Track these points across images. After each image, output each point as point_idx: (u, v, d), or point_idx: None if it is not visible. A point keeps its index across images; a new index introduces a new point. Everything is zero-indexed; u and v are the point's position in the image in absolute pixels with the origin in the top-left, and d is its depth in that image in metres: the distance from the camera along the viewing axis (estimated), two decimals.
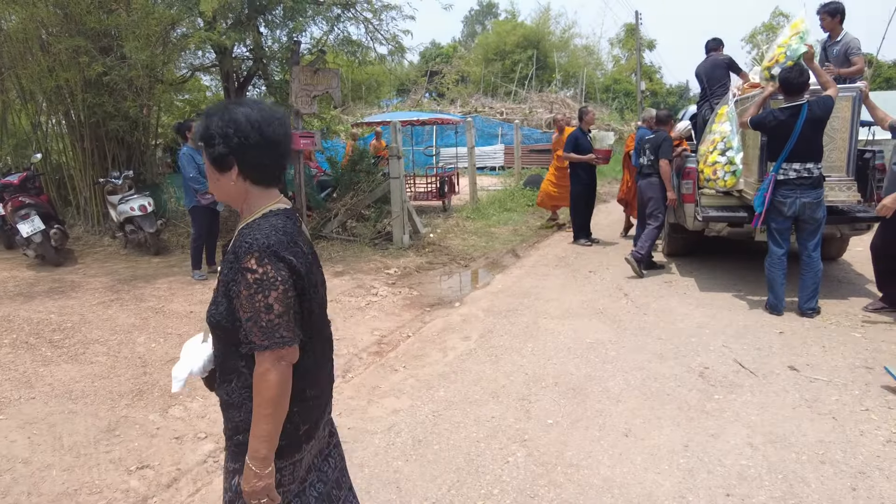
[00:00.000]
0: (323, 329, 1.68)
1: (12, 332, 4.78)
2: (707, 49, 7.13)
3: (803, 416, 3.27)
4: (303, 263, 1.53)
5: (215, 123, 1.53)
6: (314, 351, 1.62)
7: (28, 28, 7.68)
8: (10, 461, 2.98)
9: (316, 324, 1.62)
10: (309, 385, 1.60)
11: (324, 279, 1.69)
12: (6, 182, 7.67)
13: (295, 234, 1.56)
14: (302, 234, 1.63)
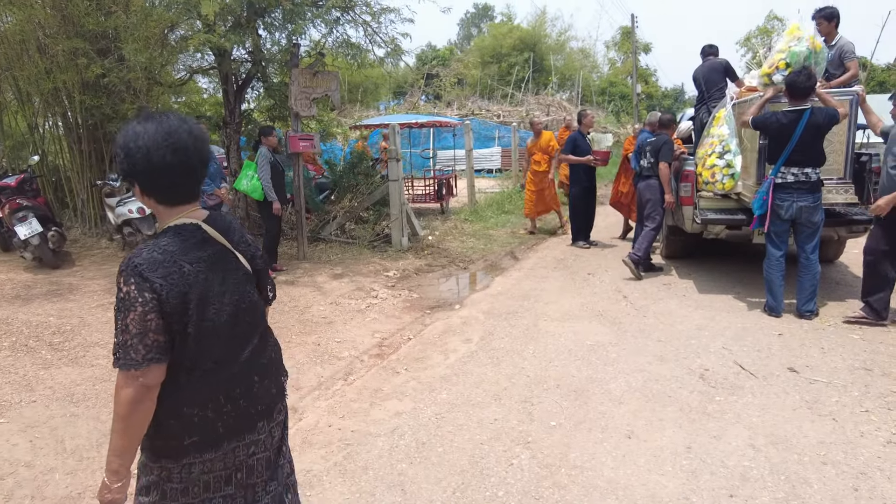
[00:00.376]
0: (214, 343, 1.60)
1: (11, 334, 4.76)
2: (703, 54, 7.18)
3: (804, 417, 3.29)
4: (175, 285, 1.51)
5: (118, 141, 1.54)
6: (200, 373, 1.59)
7: (25, 29, 7.65)
8: (12, 465, 2.97)
9: (204, 338, 1.57)
10: (189, 405, 1.58)
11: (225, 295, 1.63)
12: (3, 184, 7.63)
13: (178, 254, 1.55)
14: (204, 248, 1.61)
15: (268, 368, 1.79)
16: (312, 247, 8.03)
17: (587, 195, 8.21)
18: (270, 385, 1.79)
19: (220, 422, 1.64)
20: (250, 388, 1.71)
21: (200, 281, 1.57)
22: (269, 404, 1.77)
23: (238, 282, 1.69)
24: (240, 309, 1.67)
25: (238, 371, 1.68)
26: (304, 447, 3.15)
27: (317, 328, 5.03)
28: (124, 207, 7.45)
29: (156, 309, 1.49)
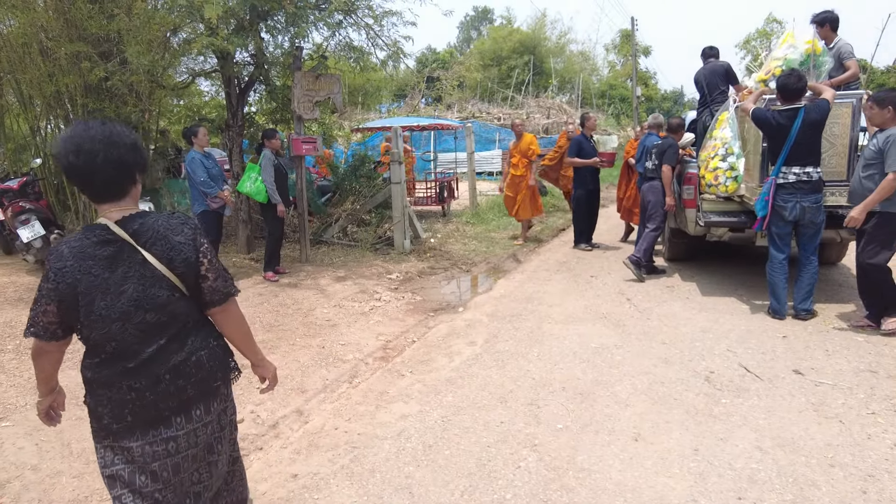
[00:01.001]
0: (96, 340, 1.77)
1: (15, 337, 4.76)
2: (704, 56, 7.19)
3: (810, 419, 3.29)
4: (66, 277, 1.72)
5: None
6: (103, 357, 1.79)
7: (28, 33, 7.65)
8: (18, 468, 2.97)
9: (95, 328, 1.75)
10: (98, 385, 1.81)
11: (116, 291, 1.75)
12: (6, 187, 7.64)
13: (76, 250, 1.75)
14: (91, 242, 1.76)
15: (180, 369, 1.85)
16: (315, 249, 8.03)
17: (590, 198, 8.21)
18: (186, 386, 1.86)
19: (126, 409, 1.79)
20: (156, 384, 1.81)
21: (91, 276, 1.73)
22: (183, 404, 1.86)
23: (141, 281, 1.78)
24: (139, 307, 1.77)
25: (140, 365, 1.80)
26: (310, 450, 3.15)
27: (321, 331, 5.02)
28: None
29: (50, 296, 1.74)
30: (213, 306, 1.93)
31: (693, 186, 6.07)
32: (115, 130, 1.79)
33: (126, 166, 1.79)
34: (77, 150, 1.71)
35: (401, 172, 8.04)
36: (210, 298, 1.91)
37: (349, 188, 8.95)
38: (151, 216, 1.86)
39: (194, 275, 1.87)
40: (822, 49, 5.48)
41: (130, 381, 1.78)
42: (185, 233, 1.86)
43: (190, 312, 1.90)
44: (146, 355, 1.80)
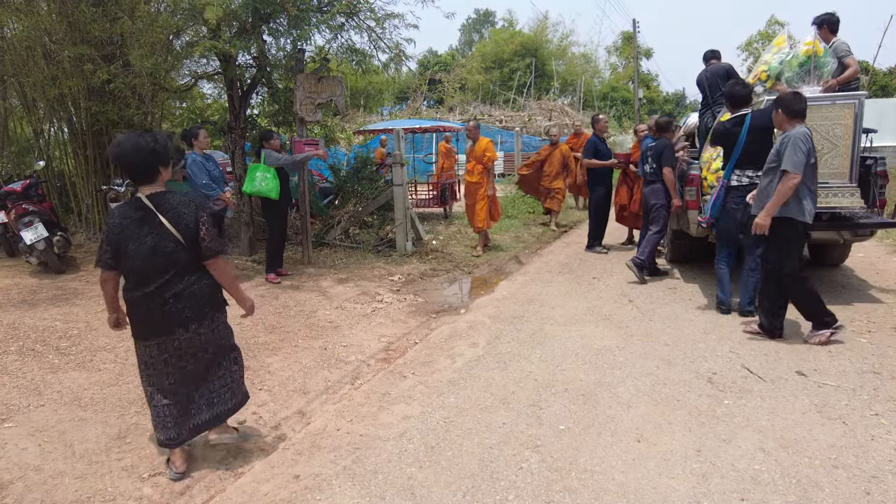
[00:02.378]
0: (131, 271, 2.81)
1: (18, 339, 4.77)
2: (705, 59, 7.20)
3: (814, 421, 3.28)
4: (114, 229, 2.77)
5: None
6: (129, 278, 2.84)
7: (32, 36, 7.69)
8: (21, 469, 2.97)
9: (128, 263, 2.78)
10: (130, 301, 2.85)
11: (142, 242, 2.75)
12: (9, 189, 7.66)
13: (122, 213, 2.80)
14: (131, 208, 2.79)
15: (181, 296, 2.83)
16: (317, 251, 8.04)
17: (608, 200, 8.21)
18: (184, 308, 2.84)
19: (147, 321, 2.84)
20: (164, 305, 2.80)
21: (128, 230, 2.76)
22: (182, 320, 2.85)
23: (157, 236, 2.76)
24: (154, 252, 2.76)
25: (153, 291, 2.78)
26: (312, 451, 3.15)
27: (323, 332, 5.03)
28: None
29: (107, 240, 2.79)
30: (206, 259, 2.90)
31: (695, 188, 6.07)
32: (141, 140, 2.77)
33: (149, 163, 2.78)
34: (118, 154, 2.78)
35: (403, 174, 8.05)
36: (205, 254, 2.88)
37: (351, 190, 8.96)
38: (170, 194, 2.83)
39: (193, 236, 2.81)
40: (824, 50, 5.50)
41: (148, 302, 2.79)
42: (190, 208, 2.83)
43: (189, 260, 2.84)
44: (157, 284, 2.78)
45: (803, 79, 5.39)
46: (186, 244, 2.80)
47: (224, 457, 3.13)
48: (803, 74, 5.41)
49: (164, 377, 2.91)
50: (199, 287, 2.88)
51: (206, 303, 2.91)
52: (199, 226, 2.81)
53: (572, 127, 11.15)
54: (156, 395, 2.93)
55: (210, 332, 2.95)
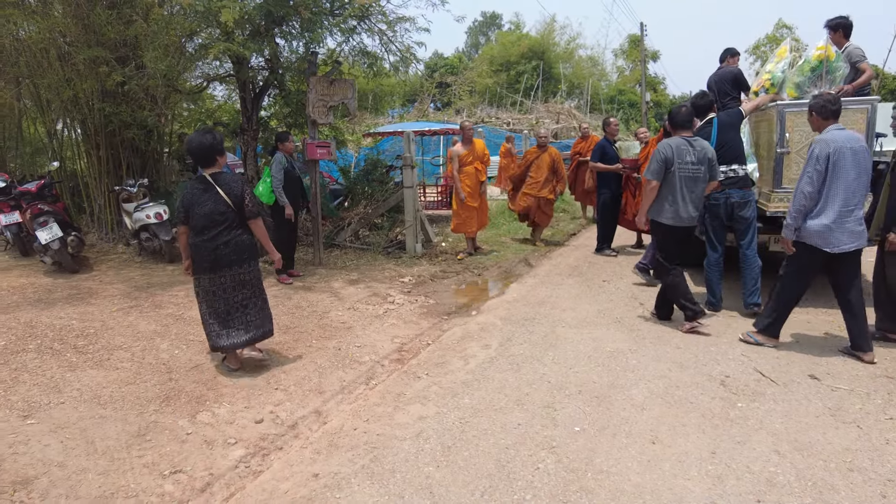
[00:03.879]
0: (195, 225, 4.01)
1: (36, 337, 4.83)
2: (721, 58, 7.16)
3: (828, 424, 3.30)
4: (187, 196, 4.03)
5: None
6: (193, 229, 4.03)
7: (47, 38, 7.78)
8: (45, 465, 3.02)
9: (193, 220, 4.00)
10: (194, 247, 4.03)
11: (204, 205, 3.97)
12: (24, 189, 7.75)
13: (192, 184, 4.09)
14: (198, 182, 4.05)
15: (228, 244, 4.01)
16: (327, 253, 8.09)
17: (616, 203, 8.21)
18: (230, 253, 4.02)
19: (204, 260, 4.00)
20: (216, 250, 3.98)
21: (194, 196, 3.99)
22: (228, 262, 4.03)
23: (214, 201, 3.98)
24: (213, 211, 3.97)
25: (209, 238, 3.97)
26: (330, 450, 3.18)
27: (336, 333, 5.07)
28: (142, 213, 7.54)
29: (181, 206, 4.04)
30: (248, 220, 4.13)
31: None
32: (204, 138, 4.06)
33: (210, 153, 4.05)
34: (190, 147, 4.11)
35: (413, 177, 8.09)
36: (247, 215, 4.10)
37: (361, 192, 9.01)
38: (224, 174, 4.09)
39: (240, 202, 4.05)
40: (836, 54, 5.51)
41: (206, 246, 3.98)
42: (238, 183, 4.09)
43: (235, 219, 4.05)
44: (212, 234, 3.99)
45: (815, 84, 5.40)
46: (234, 208, 4.02)
47: (242, 455, 3.17)
48: (815, 79, 5.42)
49: (215, 303, 4.07)
50: (242, 239, 4.07)
51: (245, 251, 4.10)
52: (244, 195, 4.07)
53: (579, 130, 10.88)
54: (209, 316, 4.12)
55: (247, 273, 4.13)
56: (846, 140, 4.08)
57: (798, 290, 4.40)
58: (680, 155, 4.82)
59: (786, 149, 5.31)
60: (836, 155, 4.04)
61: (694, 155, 4.83)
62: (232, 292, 4.09)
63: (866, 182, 4.15)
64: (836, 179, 4.06)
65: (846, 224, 4.06)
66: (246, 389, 3.95)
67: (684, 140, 4.89)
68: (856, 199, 4.08)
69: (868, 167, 4.15)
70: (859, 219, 4.11)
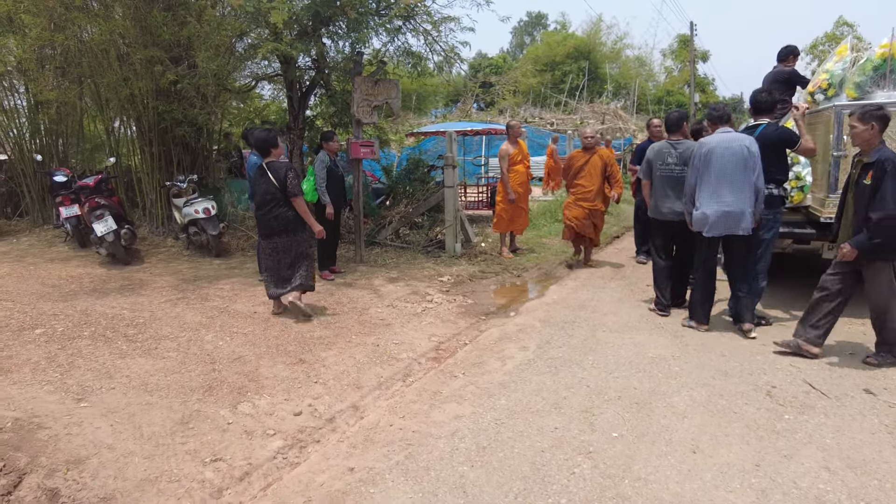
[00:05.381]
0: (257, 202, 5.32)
1: (90, 325, 5.05)
2: (778, 58, 6.92)
3: (884, 442, 3.14)
4: (251, 180, 5.56)
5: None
6: (256, 207, 5.37)
7: (107, 40, 8.12)
8: (96, 446, 3.15)
9: (255, 197, 5.38)
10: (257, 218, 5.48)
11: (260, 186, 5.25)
12: (83, 184, 8.11)
13: (254, 169, 5.50)
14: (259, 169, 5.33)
15: (277, 217, 5.21)
16: (368, 251, 8.18)
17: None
18: (279, 225, 5.22)
19: (264, 227, 5.33)
20: (269, 222, 5.24)
21: (256, 180, 5.35)
22: (278, 231, 5.24)
23: (266, 183, 5.18)
24: (266, 192, 5.20)
25: (264, 213, 5.25)
26: (366, 445, 3.22)
27: (375, 329, 5.12)
28: (191, 208, 7.78)
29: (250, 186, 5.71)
30: (291, 198, 5.18)
31: None
32: (261, 133, 5.42)
33: (265, 145, 5.29)
34: (253, 140, 5.51)
35: (454, 176, 8.10)
36: (289, 194, 5.15)
37: (403, 191, 9.07)
38: (276, 162, 5.26)
39: (283, 184, 5.10)
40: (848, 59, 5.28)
41: (263, 219, 5.27)
42: (283, 168, 5.18)
43: (281, 198, 5.16)
44: (266, 210, 5.21)
45: (878, 83, 5.16)
46: (280, 188, 5.11)
47: (281, 447, 3.24)
48: (877, 79, 5.18)
49: (269, 261, 5.34)
50: (287, 215, 5.22)
51: (290, 223, 5.24)
52: (287, 178, 5.10)
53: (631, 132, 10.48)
54: (265, 271, 5.50)
55: (293, 240, 5.27)
56: (722, 141, 4.78)
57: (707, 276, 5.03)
58: (660, 157, 5.55)
59: (842, 152, 5.09)
60: (708, 154, 4.79)
61: (675, 157, 5.47)
62: (283, 255, 5.25)
63: (742, 178, 4.67)
64: (706, 174, 4.80)
65: (718, 213, 4.72)
66: (286, 382, 4.03)
67: (668, 143, 5.57)
68: (727, 191, 4.70)
69: (747, 164, 4.66)
70: (733, 210, 4.68)
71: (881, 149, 4.02)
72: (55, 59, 9.21)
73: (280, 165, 5.18)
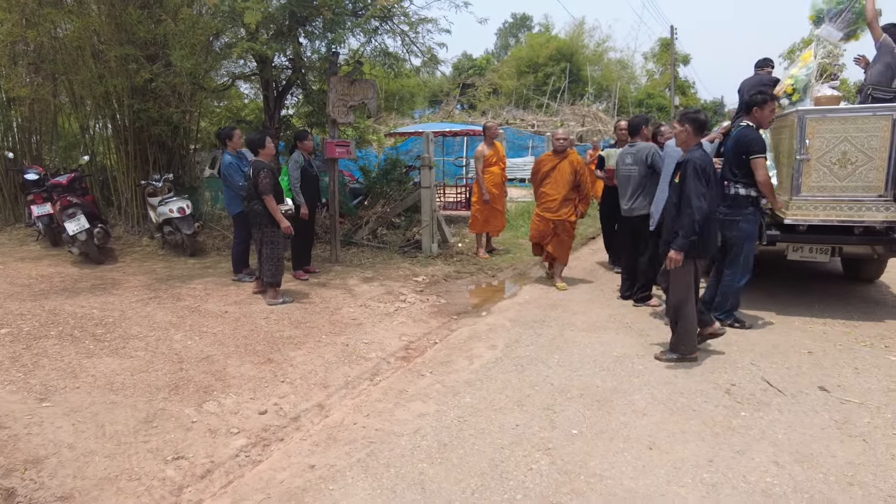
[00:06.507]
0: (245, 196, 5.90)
1: (58, 324, 5.00)
2: (757, 66, 7.11)
3: (832, 437, 3.24)
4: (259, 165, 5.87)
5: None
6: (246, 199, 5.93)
7: (82, 37, 8.05)
8: (56, 445, 3.14)
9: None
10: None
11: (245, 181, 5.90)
12: (56, 182, 8.01)
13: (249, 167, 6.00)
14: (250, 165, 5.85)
15: (251, 210, 5.74)
16: (345, 250, 8.19)
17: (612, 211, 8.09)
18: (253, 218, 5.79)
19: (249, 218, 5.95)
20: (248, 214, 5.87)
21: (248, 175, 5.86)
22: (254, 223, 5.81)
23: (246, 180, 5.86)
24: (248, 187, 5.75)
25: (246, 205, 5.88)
26: (329, 443, 3.24)
27: (346, 329, 5.14)
28: (166, 207, 7.73)
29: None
30: (260, 195, 5.59)
31: None
32: (251, 135, 6.13)
33: (252, 146, 5.86)
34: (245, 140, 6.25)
35: (431, 177, 8.14)
36: (260, 191, 5.57)
37: (380, 191, 9.09)
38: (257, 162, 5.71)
39: (255, 181, 5.60)
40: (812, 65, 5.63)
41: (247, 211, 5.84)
42: (255, 168, 5.62)
43: (255, 194, 5.62)
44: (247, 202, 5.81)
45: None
46: (252, 185, 5.61)
47: (244, 445, 3.25)
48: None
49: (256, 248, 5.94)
50: (256, 209, 5.67)
51: (259, 217, 5.68)
52: (257, 176, 5.57)
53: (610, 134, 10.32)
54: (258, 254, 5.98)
55: (262, 234, 5.71)
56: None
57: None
58: (622, 158, 6.03)
59: (805, 156, 5.21)
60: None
61: (631, 157, 5.90)
62: (258, 244, 5.84)
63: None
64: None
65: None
66: (253, 381, 4.04)
67: (629, 145, 6.05)
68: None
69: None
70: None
71: (692, 150, 4.28)
72: (28, 55, 9.10)
73: (257, 164, 5.63)
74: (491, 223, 8.26)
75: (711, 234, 4.31)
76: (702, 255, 4.32)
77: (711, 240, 4.34)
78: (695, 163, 4.13)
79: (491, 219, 8.20)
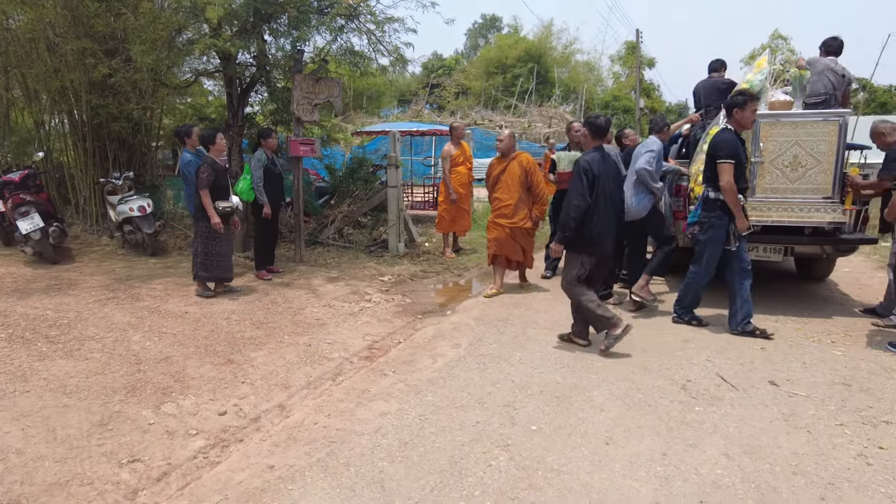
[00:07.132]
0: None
1: (8, 327, 4.85)
2: (709, 69, 7.23)
3: (780, 429, 3.36)
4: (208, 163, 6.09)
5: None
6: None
7: (36, 28, 7.80)
8: (3, 451, 3.04)
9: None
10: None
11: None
12: (7, 179, 7.76)
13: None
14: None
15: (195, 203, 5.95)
16: (310, 250, 8.12)
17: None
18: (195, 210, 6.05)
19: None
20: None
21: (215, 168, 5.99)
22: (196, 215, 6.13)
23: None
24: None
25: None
26: (289, 443, 3.22)
27: (309, 329, 5.11)
28: (126, 205, 7.56)
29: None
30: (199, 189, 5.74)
31: (683, 199, 6.15)
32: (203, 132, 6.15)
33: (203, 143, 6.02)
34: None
35: (398, 176, 8.14)
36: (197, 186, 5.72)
37: (346, 190, 9.05)
38: (206, 156, 5.91)
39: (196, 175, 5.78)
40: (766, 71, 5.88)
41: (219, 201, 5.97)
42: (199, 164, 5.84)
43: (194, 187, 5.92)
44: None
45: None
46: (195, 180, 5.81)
47: (202, 446, 3.21)
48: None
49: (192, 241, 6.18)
50: (197, 203, 5.78)
51: (199, 211, 5.81)
52: (197, 171, 5.74)
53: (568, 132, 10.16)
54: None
55: (197, 228, 5.91)
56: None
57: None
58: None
59: (760, 158, 5.39)
60: None
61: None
62: (193, 237, 6.05)
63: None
64: None
65: None
66: (213, 382, 3.99)
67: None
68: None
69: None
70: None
71: (587, 152, 4.57)
72: None
73: (203, 159, 5.88)
74: (458, 223, 8.33)
75: (594, 232, 4.46)
76: (586, 251, 4.52)
77: (595, 237, 4.47)
78: (581, 164, 4.42)
79: (458, 218, 8.27)
